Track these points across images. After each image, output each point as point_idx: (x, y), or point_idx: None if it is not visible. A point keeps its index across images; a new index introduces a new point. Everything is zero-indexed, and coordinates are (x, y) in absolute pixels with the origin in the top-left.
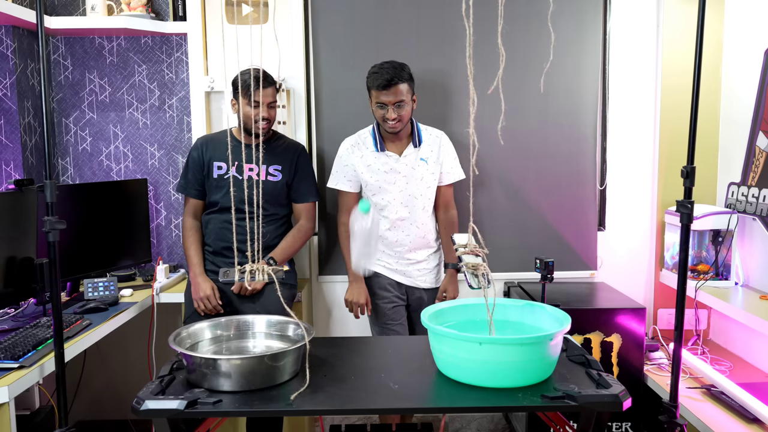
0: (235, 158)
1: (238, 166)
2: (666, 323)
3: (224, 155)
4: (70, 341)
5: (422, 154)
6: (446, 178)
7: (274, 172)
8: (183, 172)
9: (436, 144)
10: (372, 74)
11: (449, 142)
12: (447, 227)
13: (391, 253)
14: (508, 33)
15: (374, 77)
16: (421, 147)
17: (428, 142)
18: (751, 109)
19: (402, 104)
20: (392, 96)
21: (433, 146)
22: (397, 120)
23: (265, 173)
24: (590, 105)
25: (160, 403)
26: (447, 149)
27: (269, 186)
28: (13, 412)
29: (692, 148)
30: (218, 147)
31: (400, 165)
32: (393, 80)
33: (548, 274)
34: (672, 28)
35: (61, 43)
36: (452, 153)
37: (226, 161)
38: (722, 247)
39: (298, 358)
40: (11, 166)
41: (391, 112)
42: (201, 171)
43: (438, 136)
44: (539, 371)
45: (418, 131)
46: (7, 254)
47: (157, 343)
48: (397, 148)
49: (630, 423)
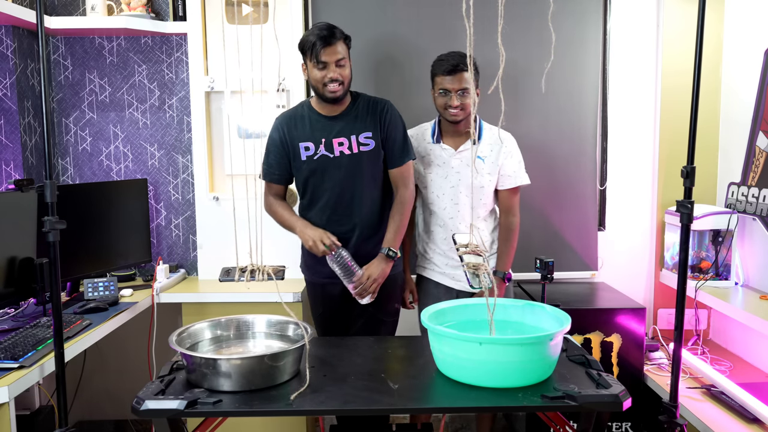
0: (321, 135)
1: (326, 142)
2: (666, 323)
3: (309, 133)
4: (70, 341)
5: (480, 152)
6: (506, 182)
7: (365, 141)
8: (265, 156)
9: (498, 144)
10: (438, 61)
11: (515, 145)
12: (501, 233)
13: (440, 251)
14: (508, 33)
15: (439, 63)
16: (481, 144)
17: (489, 141)
18: (751, 109)
19: (465, 93)
20: (456, 83)
21: (494, 146)
22: (459, 108)
23: (357, 144)
24: (590, 105)
25: (160, 403)
26: (509, 151)
27: (364, 156)
28: (13, 412)
29: (692, 148)
30: (300, 125)
31: (454, 160)
32: (459, 66)
33: (548, 274)
34: (672, 28)
35: (61, 43)
36: (516, 156)
37: (312, 140)
38: (722, 247)
39: (298, 358)
40: (11, 166)
41: (455, 99)
42: (285, 153)
43: (503, 136)
44: (539, 371)
45: (480, 127)
46: (7, 254)
47: (157, 343)
48: (454, 142)
49: (630, 423)
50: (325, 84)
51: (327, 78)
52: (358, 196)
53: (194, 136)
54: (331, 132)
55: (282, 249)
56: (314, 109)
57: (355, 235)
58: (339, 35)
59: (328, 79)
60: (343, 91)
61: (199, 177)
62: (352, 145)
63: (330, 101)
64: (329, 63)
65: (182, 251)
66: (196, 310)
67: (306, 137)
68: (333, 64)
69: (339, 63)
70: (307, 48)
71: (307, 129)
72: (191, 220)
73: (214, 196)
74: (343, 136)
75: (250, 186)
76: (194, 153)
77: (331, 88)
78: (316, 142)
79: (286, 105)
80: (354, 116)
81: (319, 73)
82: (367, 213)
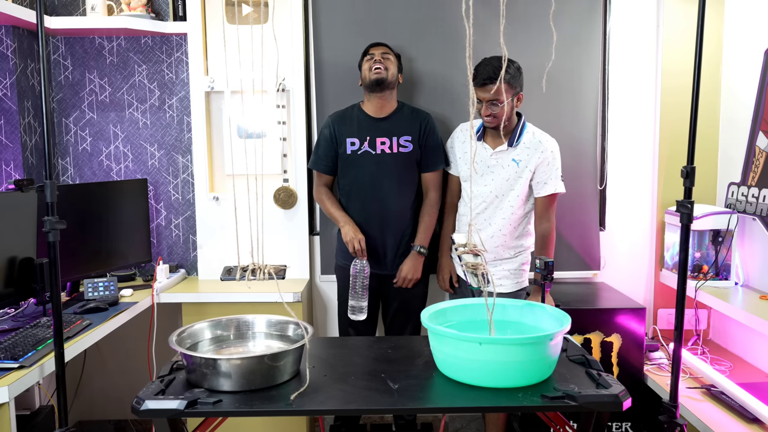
0: (367, 133)
1: (370, 140)
2: (666, 323)
3: (356, 131)
4: (70, 341)
5: (515, 155)
6: (540, 189)
7: (405, 143)
8: (314, 149)
9: (537, 150)
10: (475, 68)
11: (554, 154)
12: (537, 241)
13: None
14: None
15: (474, 74)
16: (517, 147)
17: (527, 145)
18: (751, 109)
19: (495, 103)
20: (486, 93)
21: (531, 150)
22: (492, 116)
23: (397, 145)
24: (590, 105)
25: (160, 403)
26: (546, 158)
27: (402, 157)
28: (13, 412)
29: (692, 148)
30: (349, 122)
31: (491, 159)
32: (488, 80)
33: (548, 274)
34: (672, 28)
35: (61, 43)
36: (554, 164)
37: (359, 136)
38: (722, 247)
39: (298, 358)
40: (11, 166)
41: (486, 109)
42: (333, 147)
43: (543, 142)
44: (539, 371)
45: (520, 131)
46: (7, 254)
47: (157, 343)
48: (493, 142)
49: (630, 423)
50: (371, 69)
51: (372, 62)
52: (391, 191)
53: (194, 136)
54: (376, 131)
55: (282, 249)
56: (363, 110)
57: (384, 223)
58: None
59: (373, 62)
60: (385, 74)
61: (199, 177)
62: (393, 145)
63: (375, 84)
64: (375, 54)
65: (182, 251)
66: (196, 310)
67: (353, 134)
68: (378, 54)
69: (384, 56)
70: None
71: (355, 127)
72: (191, 220)
73: (214, 196)
74: (386, 136)
75: (251, 186)
76: (194, 153)
77: (375, 69)
78: (362, 139)
79: (286, 105)
80: (398, 120)
81: (366, 63)
82: (396, 207)
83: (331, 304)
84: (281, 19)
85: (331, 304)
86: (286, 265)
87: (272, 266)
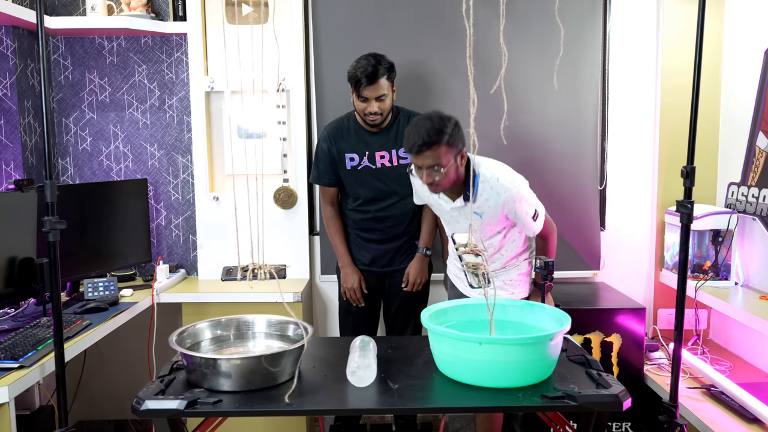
0: (365, 148)
1: (369, 155)
2: (666, 323)
3: (354, 145)
4: (70, 341)
5: (476, 208)
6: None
7: (405, 154)
8: (314, 164)
9: (499, 198)
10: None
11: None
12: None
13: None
14: (508, 33)
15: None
16: (477, 201)
17: (486, 196)
18: (751, 109)
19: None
20: (424, 160)
21: (491, 202)
22: (436, 186)
23: (397, 157)
24: (590, 105)
25: (160, 403)
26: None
27: (403, 169)
28: (13, 412)
29: (692, 148)
30: (346, 137)
31: (453, 212)
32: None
33: (548, 274)
34: (672, 28)
35: (61, 43)
36: (521, 203)
37: (357, 152)
38: (722, 247)
39: (297, 358)
40: (11, 166)
41: (427, 177)
42: (333, 161)
43: (501, 192)
44: (539, 371)
45: (473, 183)
46: (7, 254)
47: (157, 343)
48: (452, 194)
49: (630, 423)
50: (366, 114)
51: (367, 110)
52: (394, 201)
53: (194, 136)
54: (374, 145)
55: (282, 249)
56: (358, 122)
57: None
58: (382, 72)
59: (368, 111)
60: (381, 120)
61: (199, 177)
62: (393, 158)
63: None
64: (370, 98)
65: (182, 251)
66: (196, 310)
67: (351, 149)
68: (374, 99)
69: (380, 98)
70: (353, 82)
71: (353, 141)
72: (191, 220)
73: (214, 196)
74: (385, 150)
75: (251, 186)
76: (194, 153)
77: (371, 119)
78: (360, 153)
79: (286, 105)
80: (395, 132)
81: (361, 104)
82: (400, 213)
83: (331, 304)
84: (281, 19)
85: (331, 304)
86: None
87: (272, 266)
